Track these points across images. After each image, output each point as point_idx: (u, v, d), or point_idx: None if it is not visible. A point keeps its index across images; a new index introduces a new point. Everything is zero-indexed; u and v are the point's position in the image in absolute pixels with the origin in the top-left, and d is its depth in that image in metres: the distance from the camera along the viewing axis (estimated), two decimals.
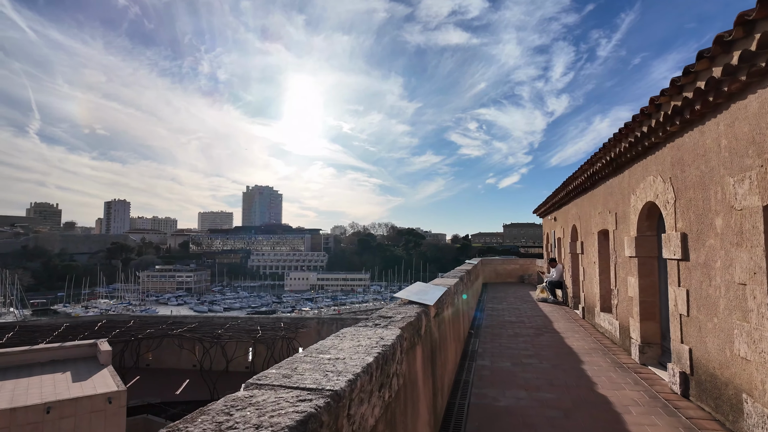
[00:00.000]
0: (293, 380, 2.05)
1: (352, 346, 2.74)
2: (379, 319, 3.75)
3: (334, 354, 2.55)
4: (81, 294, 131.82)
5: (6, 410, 16.61)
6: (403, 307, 4.53)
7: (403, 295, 5.04)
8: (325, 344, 2.77)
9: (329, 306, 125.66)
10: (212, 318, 41.49)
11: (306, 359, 2.44)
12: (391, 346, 2.82)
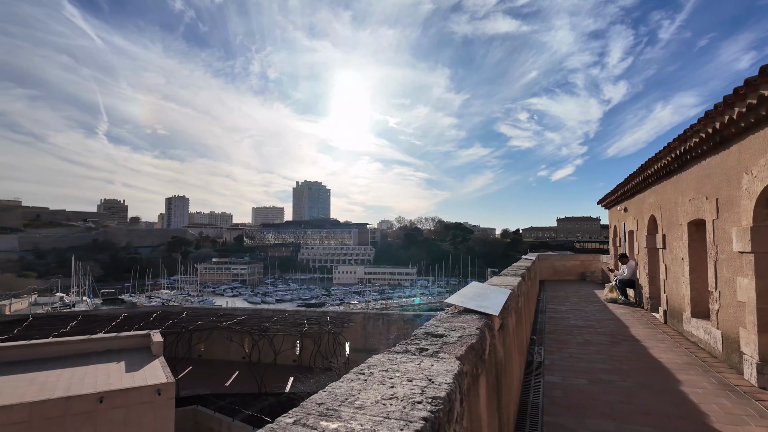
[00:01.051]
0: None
1: (380, 398, 1.64)
2: (426, 339, 2.64)
3: (346, 418, 1.47)
4: (145, 284, 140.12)
5: (62, 398, 17.01)
6: (458, 318, 3.40)
7: (456, 301, 3.88)
8: (337, 393, 1.69)
9: (376, 300, 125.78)
10: (261, 311, 41.99)
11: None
12: (445, 398, 1.69)
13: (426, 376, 1.91)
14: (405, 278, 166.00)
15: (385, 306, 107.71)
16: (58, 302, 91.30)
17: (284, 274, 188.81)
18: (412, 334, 2.81)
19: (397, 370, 2.00)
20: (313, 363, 32.32)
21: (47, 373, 20.28)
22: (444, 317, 3.41)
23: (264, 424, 17.37)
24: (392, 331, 30.12)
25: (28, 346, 23.01)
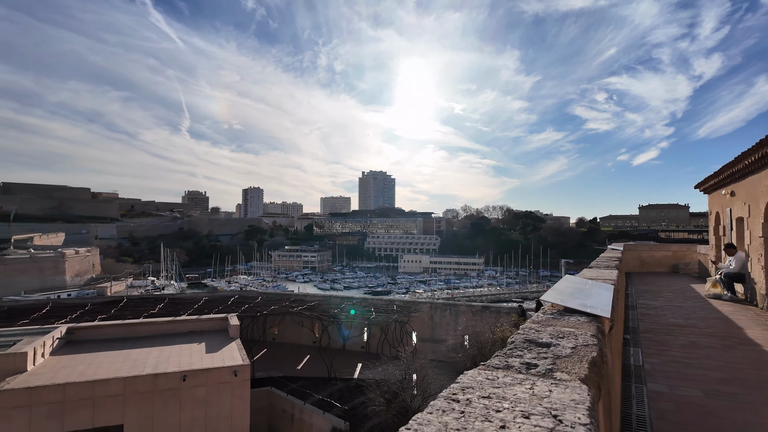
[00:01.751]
0: None
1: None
2: (529, 348, 2.08)
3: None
4: (224, 270, 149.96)
5: (150, 375, 18.30)
6: (562, 321, 2.78)
7: (554, 298, 3.25)
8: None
9: (442, 289, 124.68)
10: (330, 297, 42.97)
11: None
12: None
13: (548, 410, 1.37)
14: (472, 268, 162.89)
15: (451, 296, 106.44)
16: (149, 285, 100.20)
17: (351, 262, 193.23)
18: (509, 340, 2.26)
19: (504, 397, 1.48)
20: (381, 350, 32.45)
21: (138, 351, 22.01)
22: (544, 319, 2.81)
23: (333, 408, 17.48)
24: (460, 322, 29.36)
25: (123, 325, 25.15)
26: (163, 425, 18.16)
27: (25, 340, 20.04)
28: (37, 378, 17.61)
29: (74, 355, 21.10)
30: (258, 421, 24.97)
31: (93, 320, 28.11)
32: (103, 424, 17.32)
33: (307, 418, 22.91)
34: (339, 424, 20.71)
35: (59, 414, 16.71)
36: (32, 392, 16.49)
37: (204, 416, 18.84)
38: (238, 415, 19.43)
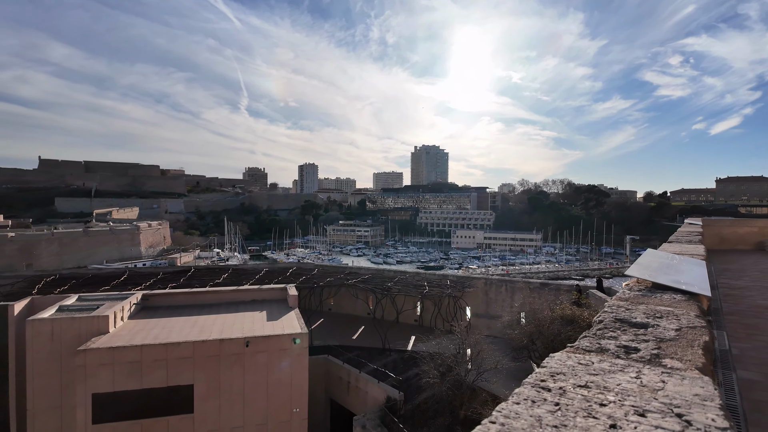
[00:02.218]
0: None
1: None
2: (623, 329, 1.79)
3: None
4: (283, 243, 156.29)
5: (217, 340, 19.43)
6: (654, 299, 2.42)
7: (641, 273, 2.87)
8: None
9: (497, 265, 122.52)
10: (383, 271, 43.36)
11: None
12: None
13: (667, 407, 1.10)
14: (529, 244, 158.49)
15: (507, 272, 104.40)
16: (215, 257, 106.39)
17: (404, 237, 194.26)
18: (596, 320, 1.97)
19: (606, 387, 1.22)
20: (434, 324, 32.50)
21: (205, 317, 23.43)
22: (632, 296, 2.46)
23: (388, 378, 17.68)
24: (516, 299, 28.66)
25: (192, 293, 26.84)
26: (229, 387, 19.35)
27: (107, 305, 21.91)
28: (118, 339, 19.25)
29: (149, 320, 22.83)
30: (316, 387, 26.03)
31: (165, 288, 30.24)
32: (176, 383, 18.72)
33: (363, 387, 23.57)
34: (393, 394, 21.11)
35: (138, 372, 18.23)
36: (114, 352, 18.06)
37: (266, 381, 19.85)
38: (297, 381, 20.29)
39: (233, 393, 19.42)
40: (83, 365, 17.64)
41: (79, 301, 22.99)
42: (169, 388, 18.65)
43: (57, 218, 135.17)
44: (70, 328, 19.48)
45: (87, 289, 29.22)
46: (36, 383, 19.23)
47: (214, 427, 19.17)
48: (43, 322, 19.33)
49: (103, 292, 26.32)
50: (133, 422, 18.14)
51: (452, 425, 18.46)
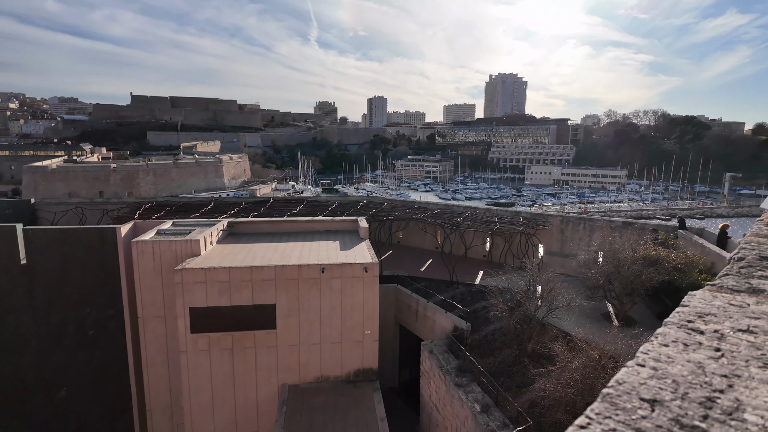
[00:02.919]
0: None
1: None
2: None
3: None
4: (353, 178, 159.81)
5: (296, 266, 20.73)
6: None
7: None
8: (672, 377, 0.79)
9: (574, 203, 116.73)
10: (452, 206, 42.97)
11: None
12: None
13: None
14: (611, 181, 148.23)
15: (584, 210, 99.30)
16: (290, 189, 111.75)
17: (474, 173, 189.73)
18: (734, 257, 1.65)
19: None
20: (504, 260, 32.18)
21: (284, 245, 24.96)
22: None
23: (455, 309, 17.99)
24: (595, 238, 27.24)
25: (272, 222, 28.54)
26: (307, 308, 20.89)
27: (198, 230, 23.99)
28: (209, 261, 21.21)
29: (234, 245, 24.79)
30: (386, 313, 27.38)
31: (247, 216, 32.41)
32: (260, 302, 20.52)
33: (431, 315, 24.38)
34: (461, 324, 21.63)
35: (227, 291, 20.15)
36: (207, 272, 19.99)
37: (340, 304, 21.14)
38: (369, 306, 21.42)
39: (311, 313, 20.99)
40: (181, 282, 19.79)
41: (174, 226, 25.38)
42: (255, 306, 20.51)
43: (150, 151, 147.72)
44: (168, 250, 21.74)
45: (179, 216, 32.12)
46: (144, 295, 22.04)
47: (294, 342, 21.05)
48: (145, 243, 21.71)
49: (193, 219, 28.79)
50: (225, 333, 20.40)
51: (519, 357, 18.69)
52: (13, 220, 33.53)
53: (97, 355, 24.99)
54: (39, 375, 24.65)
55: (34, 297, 23.94)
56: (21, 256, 23.59)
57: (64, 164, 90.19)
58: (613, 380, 0.87)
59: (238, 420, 21.05)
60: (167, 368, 22.78)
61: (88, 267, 24.15)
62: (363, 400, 20.39)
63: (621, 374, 0.88)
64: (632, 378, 0.84)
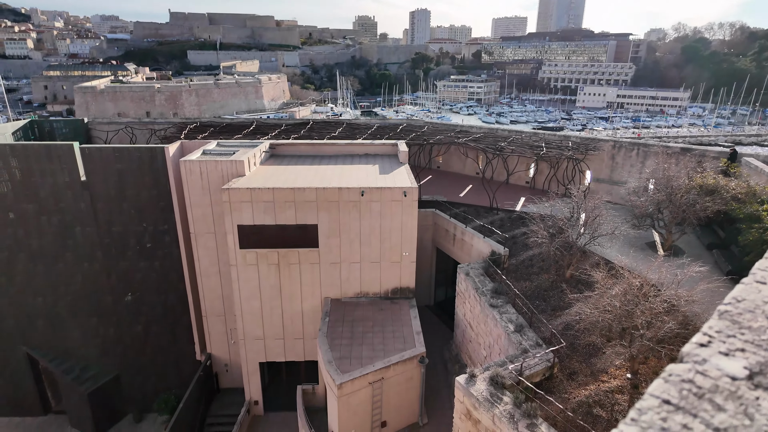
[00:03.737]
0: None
1: None
2: None
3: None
4: (392, 100, 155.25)
5: (336, 188, 21.04)
6: None
7: None
8: None
9: (627, 127, 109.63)
10: (496, 130, 41.39)
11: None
12: None
13: None
14: (671, 104, 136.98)
15: (638, 136, 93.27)
16: (329, 111, 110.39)
17: (521, 95, 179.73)
18: None
19: None
20: (548, 187, 31.31)
21: (325, 167, 25.19)
22: None
23: (493, 234, 17.98)
24: (648, 164, 25.73)
25: (312, 145, 28.62)
26: (348, 229, 21.50)
27: (241, 151, 24.46)
28: (253, 181, 21.83)
29: (277, 166, 25.26)
30: (424, 236, 27.84)
31: (288, 138, 32.61)
32: (303, 222, 21.25)
33: (468, 240, 24.59)
34: (498, 249, 21.75)
35: (272, 210, 20.91)
36: (252, 192, 20.67)
37: (379, 226, 21.59)
38: (407, 229, 21.77)
39: (351, 234, 21.63)
40: (228, 201, 20.64)
41: (219, 147, 25.96)
42: (298, 225, 21.30)
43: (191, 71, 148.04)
44: (215, 170, 22.45)
45: (223, 137, 32.72)
46: (195, 212, 23.27)
47: (336, 260, 22.00)
48: (193, 162, 22.46)
49: (236, 140, 29.27)
50: (271, 250, 21.52)
51: (556, 282, 18.81)
52: (70, 139, 35.24)
53: (155, 266, 27.21)
54: (108, 280, 27.32)
55: (96, 211, 25.81)
56: (80, 173, 25.11)
57: (111, 84, 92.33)
58: (730, 297, 0.79)
59: (285, 327, 22.86)
60: (219, 279, 24.60)
61: (142, 184, 25.52)
62: (400, 315, 21.50)
63: (738, 291, 0.79)
64: (753, 296, 0.76)
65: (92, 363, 29.03)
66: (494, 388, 12.80)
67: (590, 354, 14.57)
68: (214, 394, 27.02)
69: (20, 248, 26.34)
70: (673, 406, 0.75)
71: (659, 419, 0.74)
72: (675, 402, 0.74)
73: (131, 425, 29.60)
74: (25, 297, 27.37)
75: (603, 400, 12.64)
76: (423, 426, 19.82)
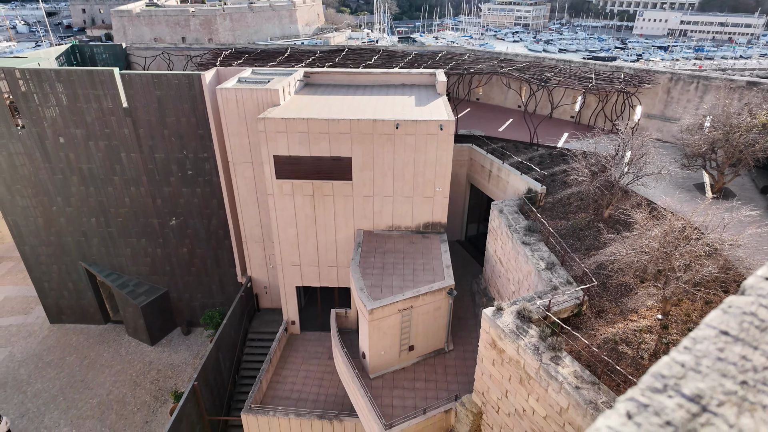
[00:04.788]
0: None
1: None
2: None
3: None
4: (432, 25, 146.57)
5: (371, 120, 20.67)
6: None
7: None
8: None
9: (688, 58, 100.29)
10: (543, 59, 38.80)
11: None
12: None
13: None
14: (742, 31, 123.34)
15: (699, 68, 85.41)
16: (365, 38, 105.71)
17: (572, 20, 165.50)
18: None
19: None
20: (594, 122, 29.70)
21: (360, 98, 24.63)
22: None
23: (531, 172, 17.51)
24: (707, 100, 23.70)
25: (347, 73, 27.81)
26: (381, 162, 21.38)
27: (276, 79, 24.11)
28: (288, 111, 21.70)
29: (311, 96, 24.89)
30: (458, 172, 27.46)
31: (322, 66, 31.76)
32: (337, 154, 21.24)
33: (504, 176, 24.06)
34: (535, 186, 21.23)
35: (306, 142, 20.93)
36: (287, 122, 20.62)
37: (413, 160, 21.34)
38: (441, 164, 21.43)
39: (385, 167, 21.53)
40: (264, 131, 20.74)
41: (254, 75, 25.65)
42: (332, 158, 21.33)
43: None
44: (250, 98, 22.37)
45: (257, 64, 32.21)
46: (232, 141, 23.62)
47: (368, 193, 22.17)
48: (229, 90, 22.41)
49: (271, 68, 28.76)
50: (306, 181, 21.84)
51: (593, 222, 18.40)
52: (110, 65, 35.61)
53: (197, 192, 28.31)
54: (154, 204, 28.79)
55: (139, 137, 26.62)
56: (122, 99, 25.62)
57: (146, 8, 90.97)
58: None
59: (320, 255, 23.76)
60: (258, 208, 25.45)
61: (181, 111, 25.88)
62: (430, 248, 21.85)
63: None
64: None
65: (144, 280, 31.51)
66: (521, 321, 13.10)
67: (621, 294, 14.53)
68: (254, 312, 29.02)
69: (72, 171, 27.83)
70: (731, 337, 0.73)
71: (716, 349, 0.72)
72: (734, 333, 0.72)
73: (180, 337, 32.54)
74: (81, 217, 29.37)
75: (630, 338, 12.77)
76: (448, 352, 20.82)
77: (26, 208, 29.13)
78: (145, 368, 29.92)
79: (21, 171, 27.87)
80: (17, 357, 30.40)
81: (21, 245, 30.56)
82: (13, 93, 25.49)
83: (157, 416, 26.62)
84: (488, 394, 14.78)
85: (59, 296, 32.35)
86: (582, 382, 11.15)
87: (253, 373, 25.93)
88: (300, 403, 21.62)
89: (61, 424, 26.02)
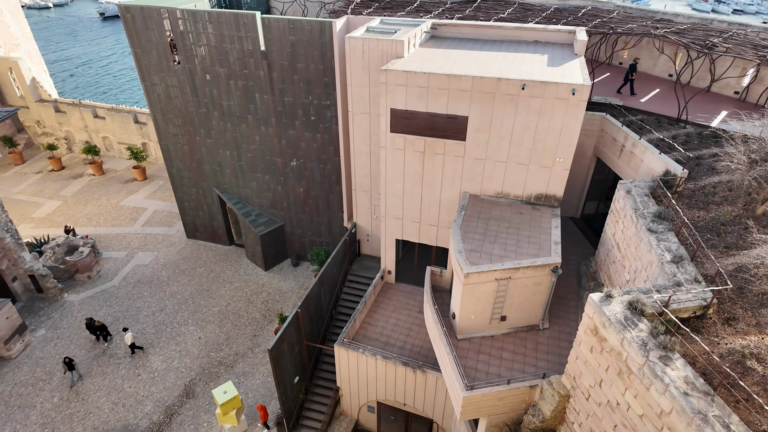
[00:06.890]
0: None
1: None
2: None
3: None
4: None
5: (494, 79, 19.63)
6: None
7: None
8: None
9: None
10: (710, 21, 32.97)
11: None
12: None
13: None
14: None
15: None
16: None
17: None
18: None
19: None
20: (764, 101, 24.92)
21: (486, 53, 23.39)
22: None
23: (673, 152, 15.38)
24: None
25: (476, 27, 26.45)
26: (500, 124, 20.39)
27: (403, 30, 23.84)
28: (411, 64, 21.47)
29: (435, 49, 24.25)
30: (585, 142, 25.19)
31: (452, 18, 30.55)
32: (454, 113, 20.69)
33: (639, 154, 21.48)
34: (675, 169, 18.66)
35: (425, 97, 20.67)
36: (408, 75, 20.47)
37: (535, 125, 19.99)
38: (567, 132, 19.77)
39: (502, 130, 20.52)
40: (385, 83, 20.88)
41: (382, 24, 25.63)
42: (448, 115, 20.86)
43: None
44: (375, 48, 22.52)
45: (387, 13, 32.06)
46: (354, 90, 24.24)
47: (481, 156, 21.46)
48: (356, 39, 22.76)
49: (400, 17, 28.45)
50: (418, 137, 21.78)
51: (741, 217, 15.82)
52: (253, 8, 38.15)
53: (317, 137, 29.95)
54: (279, 144, 31.20)
55: (272, 80, 28.59)
56: (260, 42, 27.49)
57: None
58: None
59: (423, 212, 23.98)
60: (369, 159, 26.22)
61: (311, 58, 27.07)
62: (539, 222, 20.75)
63: None
64: None
65: (264, 211, 34.92)
66: (631, 312, 12.07)
67: (762, 304, 12.55)
68: (355, 257, 30.69)
69: (214, 107, 31.09)
70: None
71: None
72: None
73: (289, 267, 35.89)
74: (218, 149, 33.04)
75: (763, 354, 11.10)
76: (543, 330, 20.11)
77: (176, 135, 33.50)
78: (258, 289, 33.76)
79: (174, 102, 31.86)
80: (161, 261, 36.21)
81: (170, 167, 35.52)
82: (173, 31, 28.73)
83: (264, 332, 30.17)
84: (580, 379, 14.12)
85: (195, 216, 37.39)
86: (693, 390, 10.08)
87: (348, 311, 27.86)
88: (387, 347, 22.82)
89: (189, 322, 30.82)
